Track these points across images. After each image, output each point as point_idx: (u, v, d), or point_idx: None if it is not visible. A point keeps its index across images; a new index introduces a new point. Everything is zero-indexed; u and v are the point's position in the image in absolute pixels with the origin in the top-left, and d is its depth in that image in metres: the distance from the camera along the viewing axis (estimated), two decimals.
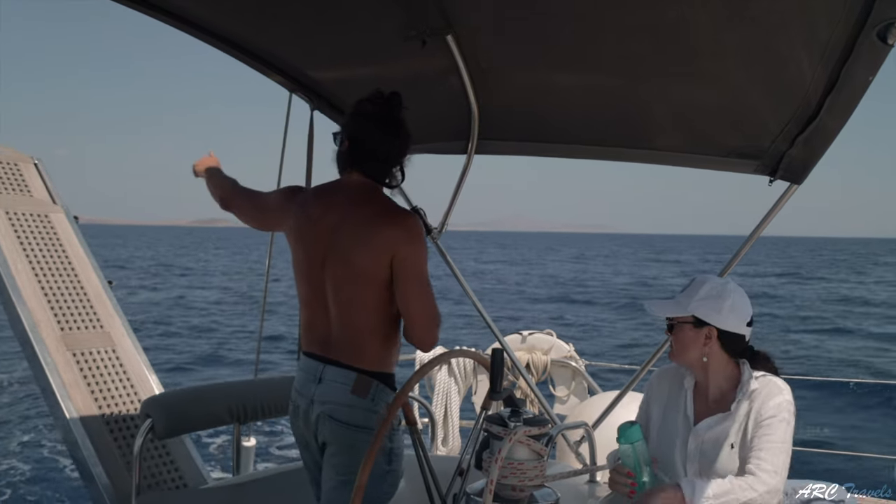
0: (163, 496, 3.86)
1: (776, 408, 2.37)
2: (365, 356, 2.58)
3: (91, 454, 4.27)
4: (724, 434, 2.44)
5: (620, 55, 2.75)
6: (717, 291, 2.46)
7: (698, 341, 2.46)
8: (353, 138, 2.64)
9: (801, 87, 2.50)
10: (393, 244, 2.52)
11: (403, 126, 2.64)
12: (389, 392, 2.60)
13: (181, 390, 4.82)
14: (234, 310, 29.99)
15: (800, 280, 52.59)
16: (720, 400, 2.50)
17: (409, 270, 2.53)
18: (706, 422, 2.49)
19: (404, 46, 2.87)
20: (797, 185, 2.99)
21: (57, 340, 4.74)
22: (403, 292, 2.54)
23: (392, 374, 2.65)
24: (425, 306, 2.56)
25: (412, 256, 2.53)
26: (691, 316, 2.46)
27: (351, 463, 2.58)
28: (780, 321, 28.94)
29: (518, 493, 2.11)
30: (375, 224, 2.55)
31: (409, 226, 2.57)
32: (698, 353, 2.47)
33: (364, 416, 2.55)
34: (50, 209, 5.59)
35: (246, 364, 16.91)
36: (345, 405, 2.55)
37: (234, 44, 3.39)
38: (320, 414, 2.58)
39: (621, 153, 3.46)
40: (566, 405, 5.51)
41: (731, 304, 2.45)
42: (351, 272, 2.55)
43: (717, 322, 2.44)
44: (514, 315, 28.31)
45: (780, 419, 2.36)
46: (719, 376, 2.50)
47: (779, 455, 2.34)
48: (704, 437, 2.48)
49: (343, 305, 2.58)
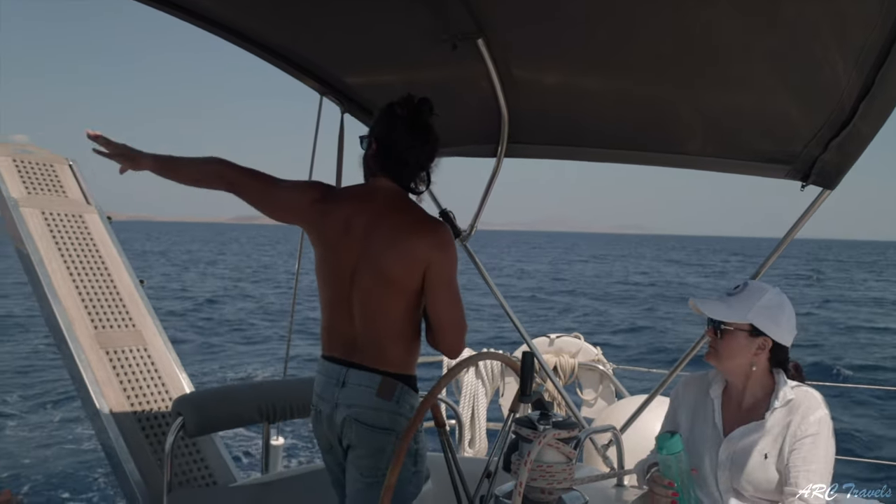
0: (193, 493, 3.91)
1: (818, 424, 2.34)
2: (389, 359, 2.58)
3: (124, 451, 4.34)
4: (758, 443, 2.41)
5: (650, 59, 2.75)
6: (777, 302, 2.42)
7: (750, 350, 2.41)
8: (382, 142, 2.62)
9: (835, 92, 2.48)
10: (426, 254, 2.51)
11: (432, 131, 2.63)
12: (413, 394, 2.61)
13: (211, 389, 4.89)
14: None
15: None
16: (753, 408, 2.46)
17: (441, 279, 2.54)
18: (740, 430, 2.45)
19: (435, 50, 2.89)
20: (830, 190, 2.97)
21: (91, 339, 4.83)
22: (434, 301, 2.56)
23: (414, 375, 2.66)
24: (455, 315, 2.59)
25: (445, 266, 2.54)
26: (748, 324, 2.40)
27: (377, 465, 2.59)
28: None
29: (546, 495, 2.12)
30: (408, 232, 2.54)
31: (441, 235, 2.58)
32: (747, 361, 2.42)
33: (390, 418, 2.56)
34: (84, 209, 5.69)
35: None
36: (370, 408, 2.55)
37: (266, 48, 3.44)
38: (346, 417, 2.57)
39: (651, 157, 3.44)
40: (593, 408, 5.50)
41: (787, 316, 2.41)
42: (381, 279, 2.54)
43: (774, 334, 2.39)
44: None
45: (824, 437, 2.34)
46: (757, 386, 2.47)
47: (826, 476, 2.32)
48: (737, 446, 2.44)
49: (370, 310, 2.58)
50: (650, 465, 2.60)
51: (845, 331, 26.71)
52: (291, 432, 8.87)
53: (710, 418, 2.53)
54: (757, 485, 2.39)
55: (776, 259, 3.19)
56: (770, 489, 2.38)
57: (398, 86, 3.42)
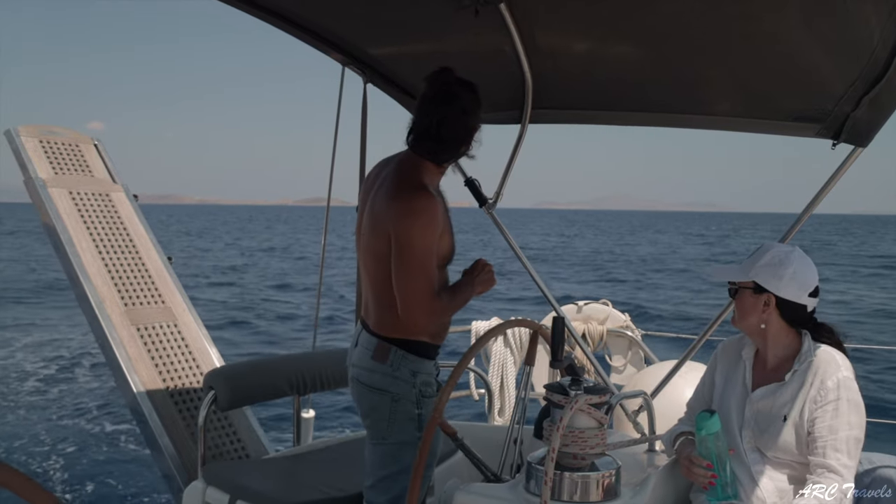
0: (227, 466, 3.95)
1: (836, 389, 2.32)
2: (384, 324, 2.69)
3: (158, 426, 4.40)
4: (778, 404, 2.41)
5: (676, 18, 2.69)
6: (780, 259, 2.43)
7: (757, 307, 2.45)
8: (413, 119, 2.71)
9: (867, 46, 2.42)
10: (387, 221, 2.59)
11: (456, 99, 2.63)
12: (414, 359, 2.67)
13: (242, 363, 4.92)
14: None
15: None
16: (777, 369, 2.47)
17: (396, 248, 2.57)
18: (761, 390, 2.47)
19: (457, 17, 2.85)
20: (862, 147, 2.91)
21: (121, 316, 4.88)
22: (393, 269, 2.60)
23: (418, 341, 2.69)
24: (404, 286, 2.58)
25: (402, 235, 2.56)
26: (752, 282, 2.45)
27: (373, 426, 2.72)
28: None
29: (579, 461, 2.11)
30: (383, 200, 2.64)
31: (404, 203, 2.58)
32: (757, 319, 2.46)
33: (382, 379, 2.66)
34: (111, 188, 5.73)
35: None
36: (366, 369, 2.70)
37: (286, 19, 3.41)
38: (351, 377, 2.76)
39: (678, 119, 3.39)
40: (623, 375, 5.49)
41: (793, 272, 2.41)
42: (368, 246, 2.69)
43: (776, 289, 2.41)
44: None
45: (845, 402, 2.31)
46: (778, 345, 2.48)
47: (855, 446, 2.30)
48: (758, 406, 2.46)
49: (368, 276, 2.73)
50: (677, 436, 2.60)
51: None
52: (322, 404, 8.96)
53: (740, 378, 2.56)
54: (776, 446, 2.40)
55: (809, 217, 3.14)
56: (789, 450, 2.38)
57: (421, 55, 3.38)
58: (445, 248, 2.67)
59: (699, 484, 2.37)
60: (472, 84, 2.69)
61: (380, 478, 2.72)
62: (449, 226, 2.71)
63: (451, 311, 2.71)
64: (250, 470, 3.64)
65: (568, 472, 2.13)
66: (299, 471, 3.51)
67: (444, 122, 2.64)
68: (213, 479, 3.38)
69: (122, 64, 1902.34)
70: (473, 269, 2.78)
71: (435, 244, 2.59)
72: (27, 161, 5.48)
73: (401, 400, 2.65)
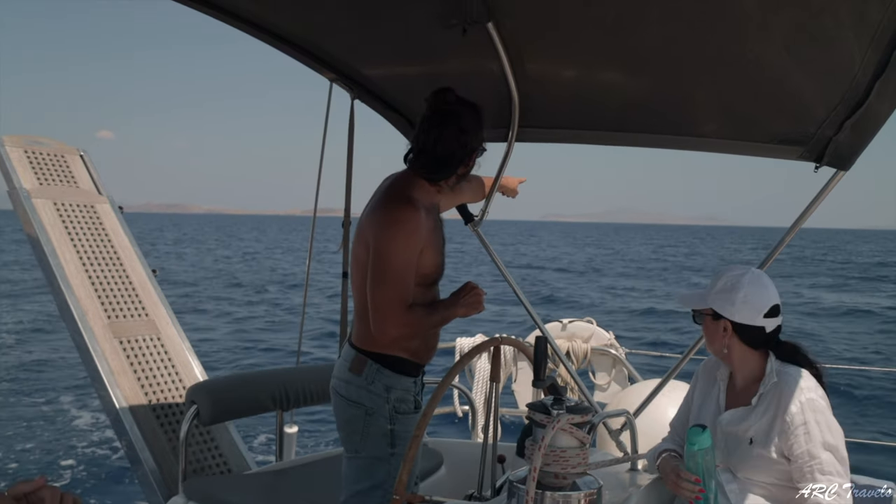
0: (208, 481, 3.93)
1: (802, 412, 2.31)
2: (361, 336, 2.72)
3: (139, 439, 4.37)
4: (744, 428, 2.43)
5: (664, 40, 2.72)
6: (731, 284, 2.44)
7: (718, 333, 2.47)
8: (413, 137, 2.76)
9: (849, 71, 2.45)
10: (369, 230, 2.64)
11: (453, 118, 2.67)
12: (390, 375, 2.68)
13: (225, 377, 4.91)
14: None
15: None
16: (746, 391, 2.49)
17: (373, 258, 2.60)
18: (728, 414, 2.49)
19: (445, 35, 2.86)
20: (844, 171, 2.94)
21: (104, 328, 4.85)
22: (367, 278, 2.63)
23: (397, 357, 2.69)
24: (376, 297, 2.60)
25: (380, 245, 2.59)
26: (710, 308, 2.47)
27: (347, 438, 2.73)
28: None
29: (561, 480, 2.11)
30: (370, 211, 2.70)
31: (386, 214, 2.63)
32: (719, 344, 2.49)
33: (357, 391, 2.68)
34: (96, 200, 5.70)
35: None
36: (343, 381, 2.72)
37: (275, 35, 3.41)
38: (331, 387, 2.78)
39: (664, 140, 3.42)
40: (606, 393, 5.49)
41: (744, 296, 2.41)
42: (354, 254, 2.74)
43: (730, 315, 2.43)
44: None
45: (814, 424, 2.30)
46: (745, 368, 2.49)
47: (839, 462, 2.30)
48: (726, 430, 2.48)
49: (354, 286, 2.77)
50: (660, 452, 2.61)
51: None
52: (306, 420, 8.92)
53: (714, 398, 2.58)
54: (746, 468, 2.42)
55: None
56: (758, 472, 2.40)
57: (408, 72, 3.40)
58: (428, 266, 2.67)
59: (685, 498, 2.37)
60: (474, 104, 2.72)
61: (353, 492, 2.72)
62: (436, 244, 2.71)
63: (424, 327, 2.69)
64: (232, 485, 3.62)
65: (549, 492, 2.13)
66: (281, 486, 3.49)
67: (441, 141, 2.66)
68: (193, 494, 3.36)
69: (133, 72, 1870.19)
70: (461, 291, 2.79)
71: (413, 258, 2.59)
72: (11, 171, 5.44)
73: (374, 414, 2.65)
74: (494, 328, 13.53)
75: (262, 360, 15.90)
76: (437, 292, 2.84)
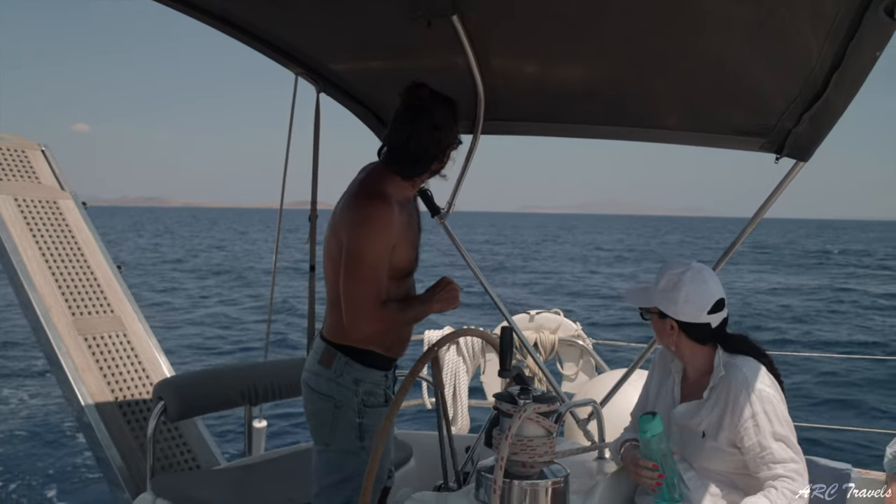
0: (176, 477, 3.90)
1: (750, 404, 2.35)
2: (332, 329, 2.72)
3: (105, 437, 4.33)
4: (697, 421, 2.47)
5: (625, 34, 2.75)
6: (673, 283, 2.46)
7: (665, 330, 2.50)
8: (387, 133, 2.76)
9: (807, 64, 2.49)
10: (341, 226, 2.63)
11: (426, 114, 2.67)
12: (359, 368, 2.68)
13: (193, 373, 4.87)
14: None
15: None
16: (697, 384, 2.52)
17: (345, 253, 2.60)
18: (681, 408, 2.53)
19: (410, 28, 2.87)
20: (804, 162, 2.99)
21: (68, 325, 4.79)
22: (340, 274, 2.62)
23: (367, 350, 2.70)
24: (348, 291, 2.61)
25: (350, 240, 2.60)
26: (656, 307, 2.49)
27: (316, 431, 2.73)
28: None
29: (528, 469, 2.13)
30: (342, 206, 2.69)
31: (355, 209, 2.63)
32: (668, 341, 2.52)
33: (326, 384, 2.68)
34: (58, 195, 5.62)
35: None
36: (313, 373, 2.72)
37: (240, 28, 3.39)
38: (301, 380, 2.78)
39: (627, 132, 3.45)
40: (574, 383, 5.54)
41: (686, 295, 2.44)
42: (326, 249, 2.73)
43: (674, 314, 2.45)
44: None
45: (762, 414, 2.34)
46: (696, 362, 2.53)
47: (792, 448, 2.34)
48: (680, 423, 2.52)
49: (326, 280, 2.77)
50: (623, 443, 2.64)
51: None
52: (275, 414, 8.88)
53: (670, 390, 2.61)
54: (699, 459, 2.46)
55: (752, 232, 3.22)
56: (711, 463, 2.44)
57: (374, 66, 3.39)
58: (401, 260, 2.68)
59: (647, 486, 2.41)
60: (448, 99, 2.71)
61: (323, 486, 2.72)
62: (410, 238, 2.71)
63: (398, 322, 2.71)
64: (200, 481, 3.61)
65: (517, 480, 2.15)
66: (250, 481, 3.48)
67: (413, 138, 2.66)
68: (161, 491, 3.34)
69: (110, 66, 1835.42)
70: (436, 287, 2.79)
71: (385, 254, 2.60)
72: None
73: (343, 407, 2.65)
74: (465, 321, 13.56)
75: (232, 355, 15.83)
76: (412, 285, 2.84)
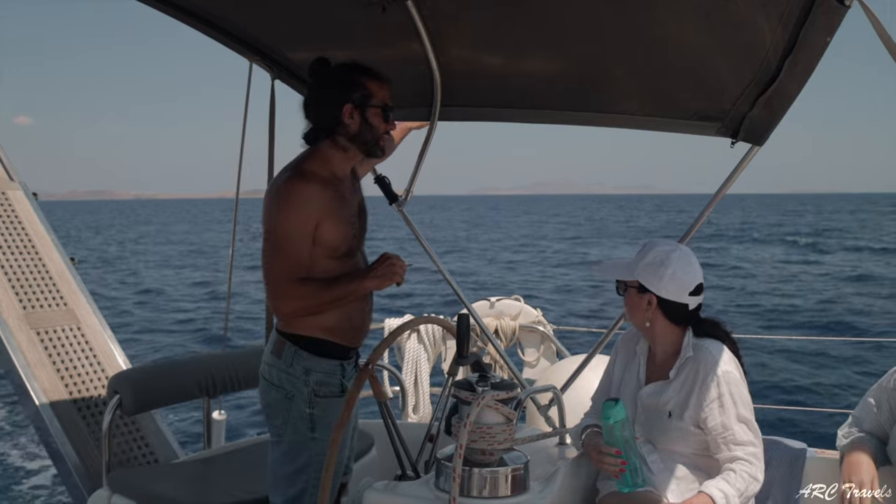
0: (134, 472, 3.84)
1: (717, 386, 2.39)
2: (280, 319, 2.67)
3: (59, 433, 4.24)
4: (663, 401, 2.49)
5: (582, 19, 2.74)
6: (661, 259, 2.48)
7: (642, 306, 2.51)
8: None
9: (760, 50, 2.51)
10: (264, 206, 2.59)
11: (315, 76, 2.67)
12: (305, 356, 2.61)
13: (149, 365, 4.80)
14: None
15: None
16: (664, 365, 2.55)
17: (264, 232, 2.57)
18: (648, 388, 2.55)
19: (365, 13, 2.83)
20: (759, 146, 3.02)
21: (19, 320, 4.68)
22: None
23: (314, 338, 2.62)
24: (264, 271, 2.57)
25: (265, 219, 2.57)
26: (636, 281, 2.51)
27: (269, 422, 2.70)
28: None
29: (488, 456, 2.14)
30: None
31: (275, 187, 2.59)
32: (642, 317, 2.53)
33: (278, 375, 2.64)
34: (7, 186, 5.48)
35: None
36: (267, 363, 2.68)
37: (194, 16, 3.32)
38: (259, 371, 2.73)
39: (587, 117, 3.46)
40: (536, 369, 5.56)
41: (672, 272, 2.46)
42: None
43: (657, 290, 2.47)
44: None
45: (728, 396, 2.38)
46: (665, 342, 2.55)
47: (752, 432, 2.39)
48: (646, 403, 2.54)
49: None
50: (584, 428, 2.65)
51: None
52: (233, 406, 8.80)
53: (635, 372, 2.63)
54: (665, 440, 2.48)
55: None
56: (677, 444, 2.47)
57: (329, 49, 3.34)
58: (333, 238, 2.58)
59: (611, 473, 2.40)
60: (347, 63, 2.65)
61: (278, 477, 2.68)
62: (342, 215, 2.62)
63: (321, 299, 2.56)
64: (158, 475, 3.55)
65: (477, 468, 2.15)
66: (209, 474, 3.43)
67: (308, 101, 2.69)
68: (118, 487, 3.28)
69: (55, 59, 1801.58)
70: (375, 262, 2.69)
71: (303, 230, 2.52)
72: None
73: (294, 398, 2.60)
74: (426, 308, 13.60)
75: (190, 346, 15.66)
76: (357, 264, 2.73)
